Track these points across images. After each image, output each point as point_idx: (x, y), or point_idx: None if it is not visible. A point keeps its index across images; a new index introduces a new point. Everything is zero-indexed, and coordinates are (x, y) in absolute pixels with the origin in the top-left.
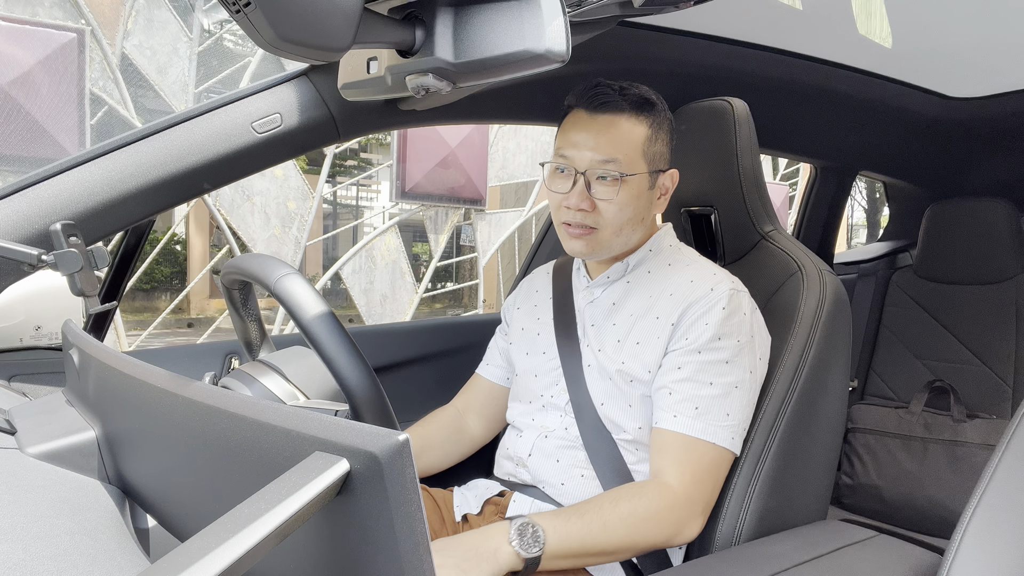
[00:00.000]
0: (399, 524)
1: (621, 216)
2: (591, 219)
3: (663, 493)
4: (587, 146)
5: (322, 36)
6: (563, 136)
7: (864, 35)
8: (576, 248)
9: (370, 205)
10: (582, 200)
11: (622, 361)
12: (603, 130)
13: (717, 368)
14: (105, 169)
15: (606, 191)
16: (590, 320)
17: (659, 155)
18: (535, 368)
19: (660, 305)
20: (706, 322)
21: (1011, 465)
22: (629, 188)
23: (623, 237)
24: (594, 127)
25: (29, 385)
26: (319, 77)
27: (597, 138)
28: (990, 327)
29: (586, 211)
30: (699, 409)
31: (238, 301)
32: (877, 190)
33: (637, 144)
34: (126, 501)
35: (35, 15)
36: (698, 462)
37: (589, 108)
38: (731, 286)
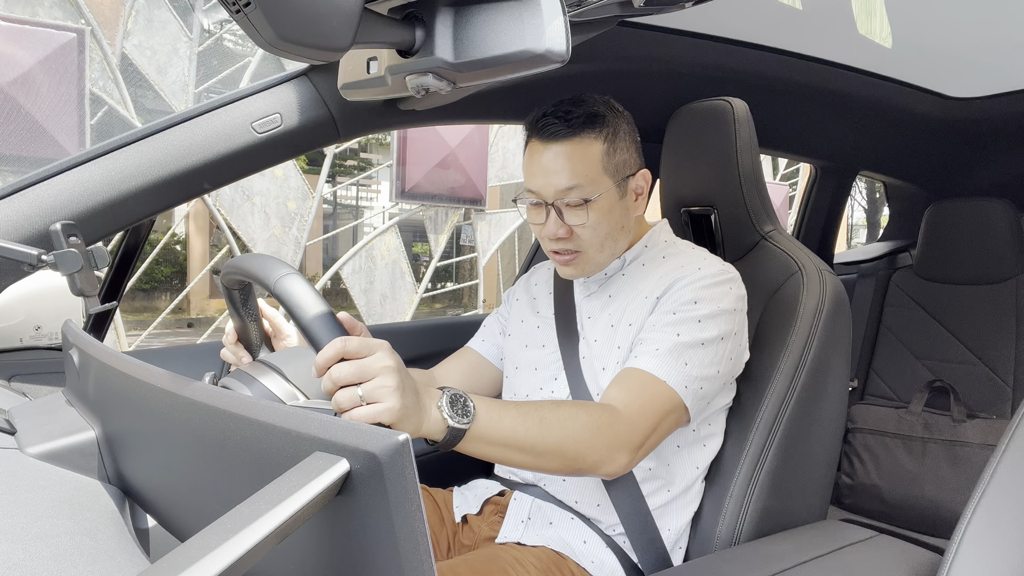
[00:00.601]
0: (399, 524)
1: (598, 234)
2: (572, 244)
3: (606, 411)
4: (547, 178)
5: (322, 36)
6: (527, 169)
7: (864, 35)
8: (569, 273)
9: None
10: (558, 228)
11: (617, 346)
12: (557, 159)
13: (688, 325)
14: (105, 169)
15: (576, 216)
16: (587, 313)
17: (622, 163)
18: (535, 361)
19: (649, 287)
20: (687, 289)
21: (1011, 465)
22: (598, 207)
23: (607, 251)
24: (549, 157)
25: (29, 385)
26: (319, 77)
27: (555, 168)
28: (990, 327)
29: (564, 238)
30: (659, 350)
31: (238, 301)
32: (877, 190)
33: (595, 163)
34: (126, 501)
35: (35, 15)
36: (646, 397)
37: (541, 138)
38: (721, 267)
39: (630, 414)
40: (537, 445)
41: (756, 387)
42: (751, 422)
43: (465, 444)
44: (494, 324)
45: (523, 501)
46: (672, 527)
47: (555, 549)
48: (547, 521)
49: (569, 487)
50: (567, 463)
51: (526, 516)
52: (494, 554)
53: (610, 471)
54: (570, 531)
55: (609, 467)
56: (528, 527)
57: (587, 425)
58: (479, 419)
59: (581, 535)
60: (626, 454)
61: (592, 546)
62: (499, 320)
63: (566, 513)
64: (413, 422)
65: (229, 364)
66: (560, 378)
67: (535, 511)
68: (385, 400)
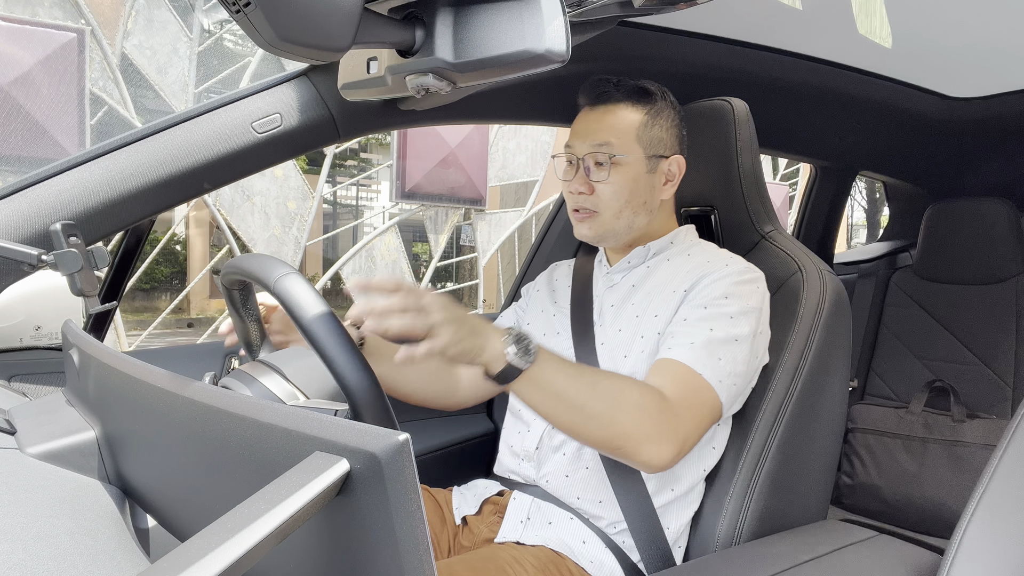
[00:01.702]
0: (399, 524)
1: (618, 198)
2: (591, 202)
3: (658, 395)
4: (585, 134)
5: (322, 36)
6: (570, 131)
7: (864, 35)
8: (582, 232)
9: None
10: (581, 184)
11: (641, 335)
12: (599, 119)
13: (720, 320)
14: (105, 169)
15: (600, 173)
16: (609, 302)
17: (657, 140)
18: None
19: (676, 280)
20: (716, 285)
21: (1011, 465)
22: (623, 170)
23: (624, 220)
24: (592, 117)
25: (29, 385)
26: (319, 77)
27: (594, 126)
28: (990, 327)
29: (585, 194)
30: (694, 344)
31: (238, 301)
32: (877, 190)
33: (630, 129)
34: (126, 501)
35: (35, 15)
36: (689, 390)
37: (588, 102)
38: (747, 266)
39: (677, 405)
40: (587, 406)
41: (756, 387)
42: (751, 422)
43: (518, 385)
44: (511, 318)
45: (522, 501)
46: (673, 526)
47: (554, 549)
48: (546, 521)
49: (572, 483)
50: (611, 434)
51: (525, 516)
52: (492, 553)
53: (651, 459)
54: (569, 531)
55: (652, 455)
56: (527, 527)
57: (637, 403)
58: (538, 363)
59: (580, 535)
60: (672, 446)
61: (591, 546)
62: (516, 313)
63: (565, 513)
64: (470, 353)
65: (229, 364)
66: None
67: (534, 511)
68: (443, 335)
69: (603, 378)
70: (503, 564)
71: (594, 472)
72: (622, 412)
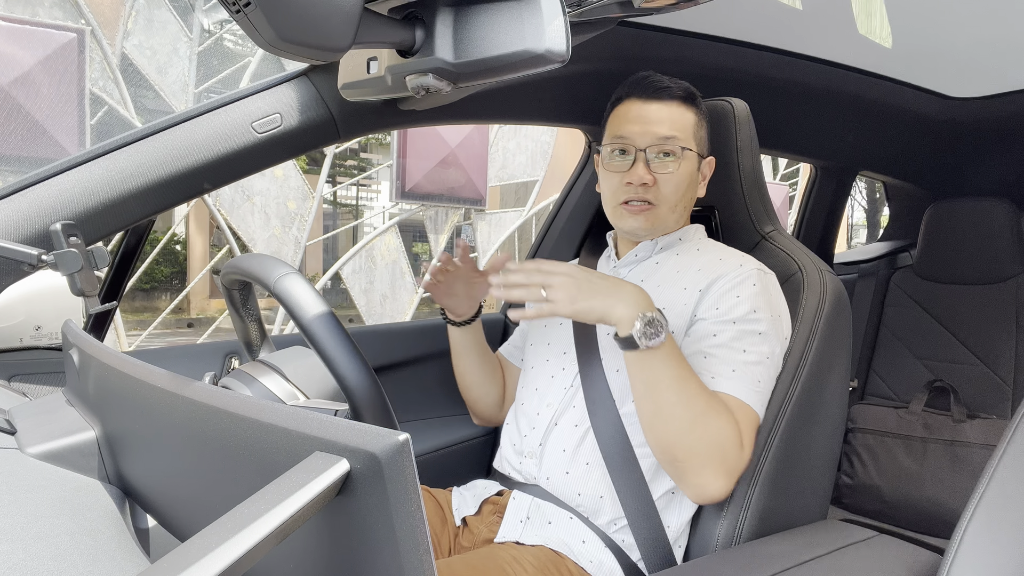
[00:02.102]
0: (399, 524)
1: (678, 192)
2: (651, 194)
3: (738, 432)
4: (645, 126)
5: (322, 36)
6: (617, 123)
7: (864, 35)
8: (635, 225)
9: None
10: (644, 175)
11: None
12: (660, 112)
13: (751, 338)
14: (105, 169)
15: (667, 165)
16: None
17: (703, 141)
18: (548, 337)
19: (688, 277)
20: (738, 295)
21: (1011, 465)
22: (687, 164)
23: (676, 214)
24: (651, 111)
25: (29, 385)
26: (319, 77)
27: (656, 119)
28: (990, 327)
29: (647, 185)
30: (735, 372)
31: (238, 301)
32: (877, 190)
33: (689, 126)
34: (126, 501)
35: (35, 15)
36: (747, 426)
37: (643, 96)
38: (759, 266)
39: (744, 443)
40: (675, 409)
41: None
42: None
43: (632, 356)
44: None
45: (522, 500)
46: (673, 524)
47: (553, 549)
48: (546, 520)
49: (572, 480)
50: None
51: (525, 516)
52: (492, 553)
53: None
54: (569, 531)
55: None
56: (527, 526)
57: (720, 431)
58: (658, 350)
59: (580, 535)
60: (730, 482)
61: (591, 546)
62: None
63: (565, 513)
64: (594, 314)
65: (229, 364)
66: (570, 352)
67: (534, 510)
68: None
69: (703, 394)
70: (502, 563)
71: (594, 467)
72: (701, 430)
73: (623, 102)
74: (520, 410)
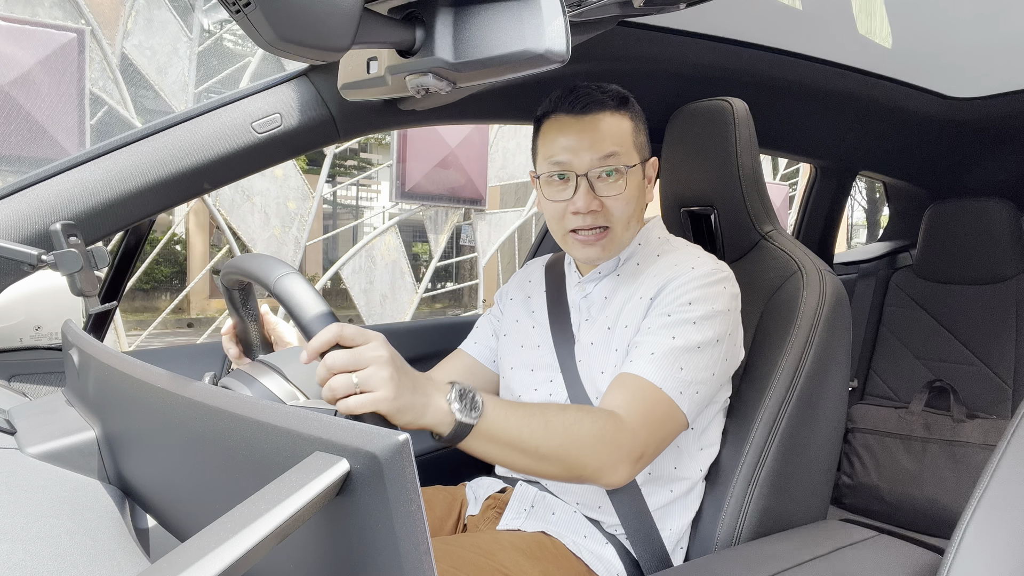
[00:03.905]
0: (399, 524)
1: (628, 208)
2: (602, 219)
3: (611, 419)
4: (583, 147)
5: (322, 36)
6: (549, 143)
7: (864, 35)
8: (592, 255)
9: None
10: (591, 201)
11: (615, 348)
12: (594, 128)
13: (682, 327)
14: (105, 169)
15: (612, 187)
16: (584, 315)
17: (643, 145)
18: (531, 362)
19: (644, 286)
20: (680, 290)
21: (1011, 465)
22: (633, 178)
23: (631, 231)
24: (584, 127)
25: (29, 385)
26: (319, 77)
27: (592, 137)
28: (990, 327)
29: (596, 211)
30: (654, 355)
31: (238, 301)
32: (877, 190)
33: (627, 136)
34: (126, 501)
35: (35, 15)
36: (647, 405)
37: (572, 111)
38: (714, 266)
39: (633, 424)
40: (540, 448)
41: (756, 387)
42: (751, 422)
43: (470, 441)
44: (486, 326)
45: (527, 490)
46: (673, 527)
47: (553, 536)
48: (550, 511)
49: (569, 489)
50: (568, 469)
51: (529, 504)
52: (475, 535)
53: (610, 481)
54: (571, 524)
55: (610, 478)
56: (530, 515)
57: (591, 433)
58: (486, 416)
59: (582, 530)
60: (627, 466)
61: (592, 540)
62: (491, 322)
63: (568, 507)
64: (411, 412)
65: (229, 364)
66: (556, 379)
67: (539, 500)
68: (380, 388)
69: (553, 414)
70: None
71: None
72: (576, 446)
73: (549, 118)
74: None
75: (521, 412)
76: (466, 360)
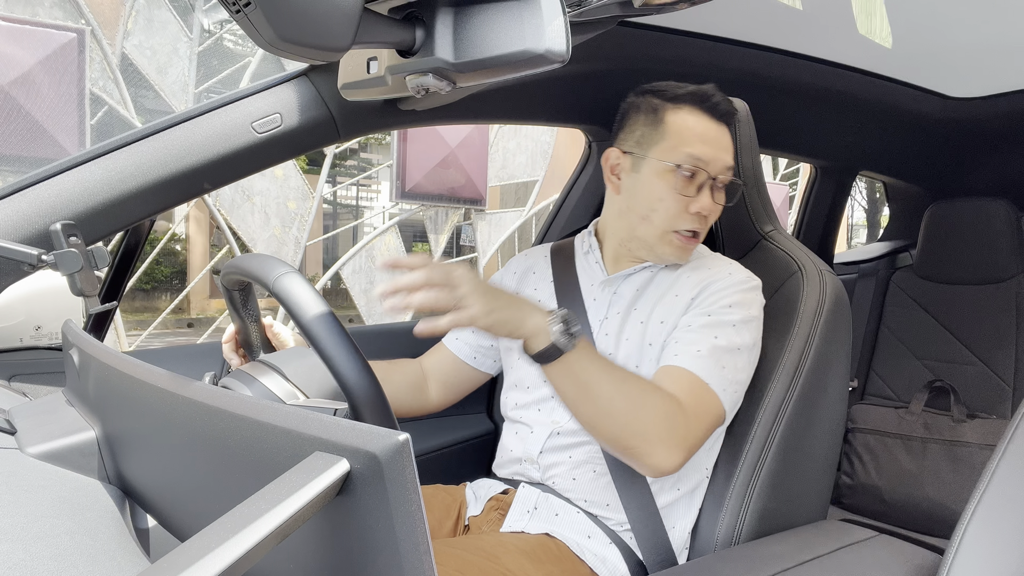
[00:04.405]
0: (399, 524)
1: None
2: (705, 224)
3: (675, 401)
4: (718, 152)
5: (322, 36)
6: (687, 135)
7: (864, 35)
8: (681, 257)
9: (370, 205)
10: (712, 205)
11: (648, 343)
12: (727, 138)
13: (724, 328)
14: (105, 169)
15: (724, 197)
16: (615, 310)
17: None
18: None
19: (680, 284)
20: (721, 294)
21: (1011, 465)
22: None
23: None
24: (721, 134)
25: (29, 385)
26: (319, 77)
27: (724, 145)
28: (990, 327)
29: (707, 217)
30: (700, 352)
31: (238, 301)
32: (877, 190)
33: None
34: (126, 501)
35: (35, 15)
36: (697, 399)
37: (713, 115)
38: (748, 274)
39: (690, 414)
40: (612, 401)
41: (756, 387)
42: (751, 422)
43: (555, 366)
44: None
45: (530, 492)
46: (678, 526)
47: (557, 538)
48: (553, 512)
49: (578, 485)
50: (626, 434)
51: (532, 506)
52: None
53: (659, 463)
54: (575, 525)
55: (661, 458)
56: (533, 516)
57: (658, 405)
58: (578, 349)
59: (586, 530)
60: (680, 453)
61: (596, 541)
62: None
63: (572, 508)
64: (508, 325)
65: (229, 364)
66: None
67: (542, 502)
68: (474, 305)
69: (630, 377)
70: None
71: (601, 475)
72: (643, 412)
73: (686, 109)
74: (520, 419)
75: (605, 362)
76: (447, 356)
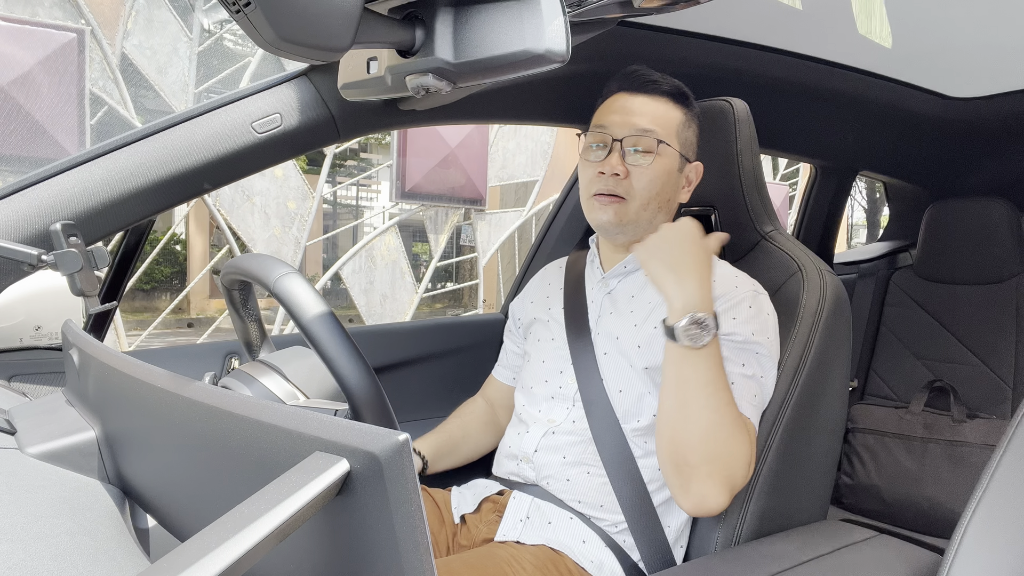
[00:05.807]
0: (399, 524)
1: (651, 188)
2: (622, 187)
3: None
4: (625, 117)
5: (322, 36)
6: (602, 112)
7: (864, 35)
8: (604, 219)
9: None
10: (617, 165)
11: (638, 346)
12: (642, 106)
13: (749, 356)
14: (105, 169)
15: (640, 159)
16: (608, 309)
17: (689, 143)
18: (543, 354)
19: None
20: (734, 316)
21: (1011, 465)
22: (662, 161)
23: (649, 212)
24: (634, 103)
25: (29, 385)
26: (319, 77)
27: (637, 111)
28: (990, 327)
29: (619, 177)
30: (734, 384)
31: (238, 301)
32: (877, 190)
33: (672, 124)
34: (126, 501)
35: (35, 15)
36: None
37: (630, 89)
38: (753, 287)
39: (751, 464)
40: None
41: None
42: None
43: (670, 349)
44: (508, 343)
45: (522, 500)
46: (673, 524)
47: (553, 548)
48: (546, 520)
49: (573, 486)
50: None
51: (524, 515)
52: (491, 552)
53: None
54: (569, 531)
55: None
56: (527, 526)
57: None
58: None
59: (580, 535)
60: (730, 498)
61: (591, 546)
62: (510, 337)
63: (565, 513)
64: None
65: (229, 364)
66: (567, 371)
67: (534, 510)
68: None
69: (734, 410)
70: (501, 563)
71: (595, 476)
72: (722, 442)
73: (611, 95)
74: (520, 423)
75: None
76: (497, 385)
